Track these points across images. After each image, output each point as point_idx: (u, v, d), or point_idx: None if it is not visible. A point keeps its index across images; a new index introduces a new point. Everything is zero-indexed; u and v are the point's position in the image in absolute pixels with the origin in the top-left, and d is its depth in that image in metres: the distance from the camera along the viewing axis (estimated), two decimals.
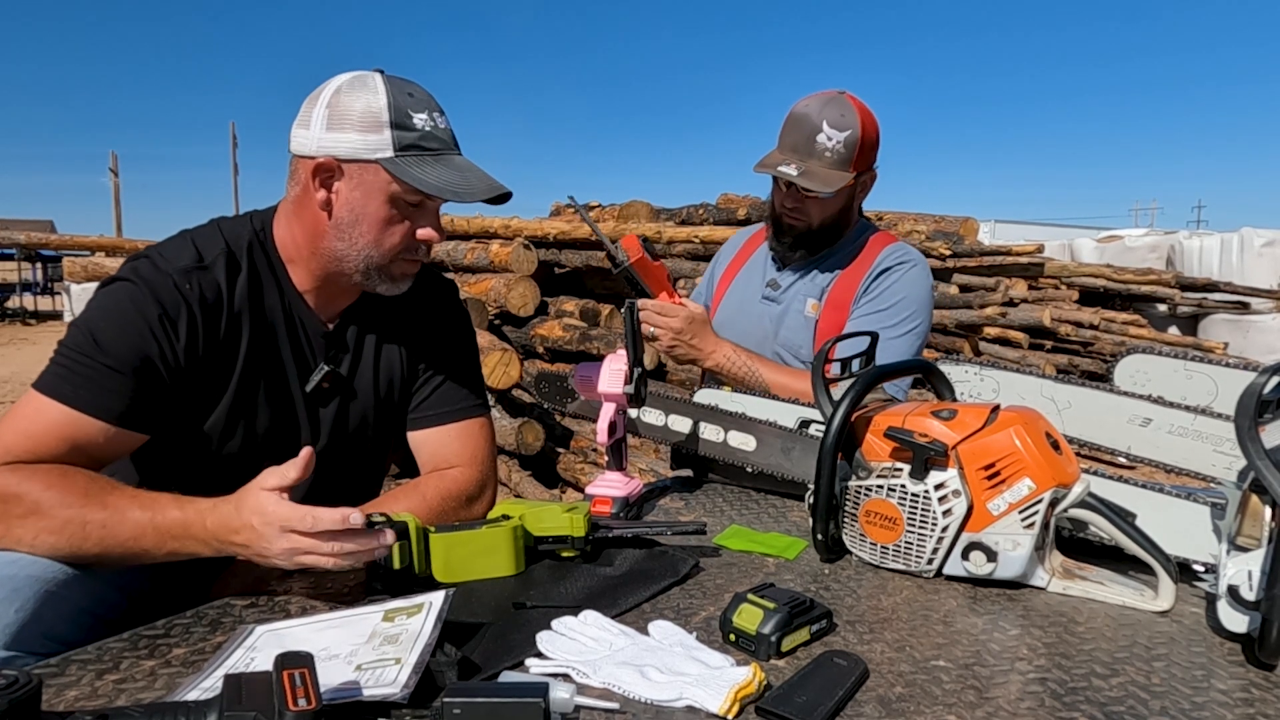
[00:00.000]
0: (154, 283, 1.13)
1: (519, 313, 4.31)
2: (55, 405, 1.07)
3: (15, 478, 1.02)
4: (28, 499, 1.01)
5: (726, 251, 2.14)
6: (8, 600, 0.95)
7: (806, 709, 0.77)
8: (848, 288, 1.84)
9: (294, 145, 1.18)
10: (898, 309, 1.79)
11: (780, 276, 1.92)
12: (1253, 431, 0.95)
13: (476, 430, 1.36)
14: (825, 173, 1.74)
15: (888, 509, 1.11)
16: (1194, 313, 8.84)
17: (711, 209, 5.84)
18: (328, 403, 1.29)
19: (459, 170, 1.17)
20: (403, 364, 1.34)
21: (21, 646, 0.95)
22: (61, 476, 1.03)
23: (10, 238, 7.27)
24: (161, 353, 1.12)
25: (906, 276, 1.82)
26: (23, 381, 7.76)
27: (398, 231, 1.18)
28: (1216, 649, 0.94)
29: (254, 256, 1.22)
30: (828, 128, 1.73)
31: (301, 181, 1.18)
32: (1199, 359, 1.23)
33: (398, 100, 1.14)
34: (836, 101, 1.76)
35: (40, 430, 1.06)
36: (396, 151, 1.13)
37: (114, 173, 15.03)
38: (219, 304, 1.17)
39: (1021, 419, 1.08)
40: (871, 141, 1.78)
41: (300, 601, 1.04)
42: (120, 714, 0.69)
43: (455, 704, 0.73)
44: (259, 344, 1.21)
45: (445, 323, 1.39)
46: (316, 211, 1.18)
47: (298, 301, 1.25)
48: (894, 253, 1.86)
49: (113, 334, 1.10)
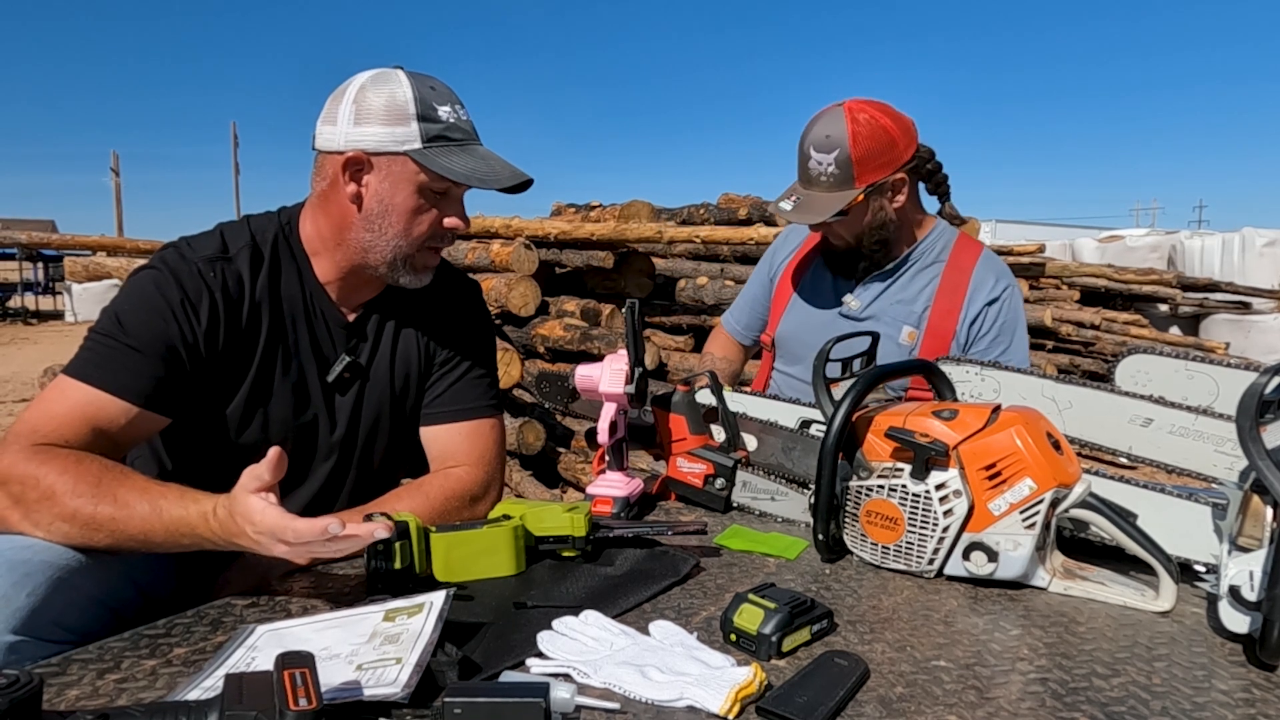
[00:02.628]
0: (178, 269, 1.17)
1: (520, 312, 4.31)
2: (79, 385, 1.10)
3: (34, 461, 1.03)
4: (43, 483, 1.02)
5: (781, 247, 2.03)
6: (19, 585, 0.95)
7: (807, 709, 0.77)
8: (948, 313, 1.77)
9: (320, 142, 1.21)
10: (1016, 346, 1.79)
11: (857, 294, 1.83)
12: (1254, 432, 0.95)
13: (487, 430, 1.38)
14: (823, 198, 1.69)
15: (889, 509, 1.11)
16: (1195, 313, 8.83)
17: (713, 209, 5.83)
18: (346, 392, 1.31)
19: (483, 159, 1.21)
20: (420, 358, 1.36)
21: (32, 633, 0.95)
22: (76, 464, 1.04)
23: (11, 237, 7.28)
24: (183, 335, 1.15)
25: (1012, 304, 1.79)
26: (24, 381, 7.76)
27: (425, 220, 1.22)
28: (1217, 649, 0.94)
29: (278, 249, 1.26)
30: (815, 153, 1.69)
31: (329, 176, 1.21)
32: (1200, 359, 1.22)
33: (422, 93, 1.18)
34: (826, 119, 1.69)
35: (64, 410, 1.08)
36: (424, 143, 1.17)
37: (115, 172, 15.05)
38: (241, 293, 1.20)
39: (1022, 419, 1.08)
40: (872, 150, 1.67)
41: (301, 601, 1.04)
42: (121, 713, 0.69)
43: (456, 703, 0.73)
44: (279, 334, 1.24)
45: (465, 321, 1.41)
46: (345, 204, 1.21)
47: (319, 293, 1.28)
48: (989, 276, 1.79)
49: (136, 317, 1.13)
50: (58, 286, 18.15)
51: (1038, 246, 6.82)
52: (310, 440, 1.29)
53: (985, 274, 1.79)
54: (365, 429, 1.33)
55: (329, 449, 1.31)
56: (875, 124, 1.68)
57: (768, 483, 1.35)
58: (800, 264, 1.96)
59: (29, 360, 9.16)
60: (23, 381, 7.78)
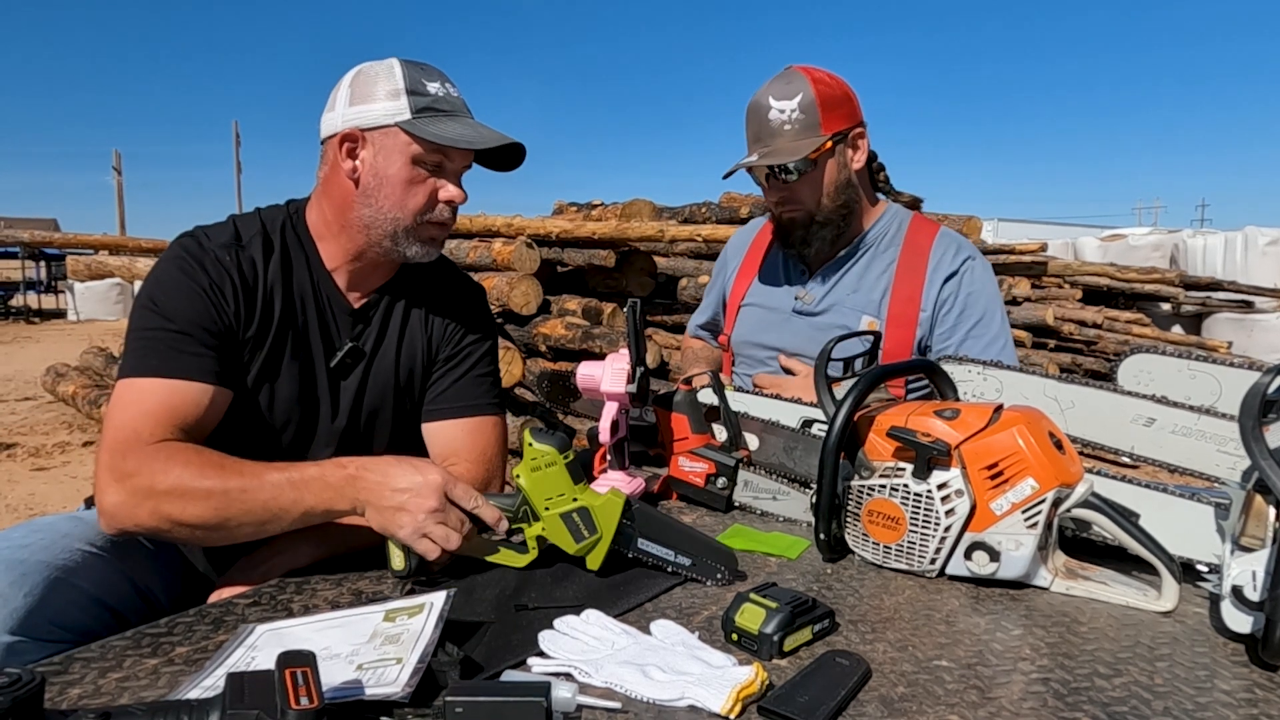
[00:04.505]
0: (199, 255, 1.21)
1: (521, 311, 4.31)
2: (155, 382, 1.12)
3: (159, 460, 1.06)
4: (172, 476, 1.04)
5: (732, 255, 2.00)
6: (16, 585, 0.96)
7: (809, 709, 0.77)
8: (909, 299, 1.69)
9: (322, 129, 1.26)
10: (989, 316, 1.68)
11: (810, 287, 1.78)
12: (1257, 431, 0.95)
13: (488, 428, 1.38)
14: (791, 145, 1.63)
15: (890, 509, 1.11)
16: (1198, 312, 8.83)
17: (714, 207, 5.83)
18: (348, 378, 1.32)
19: (472, 127, 1.24)
20: (424, 351, 1.38)
21: (30, 633, 0.95)
22: (196, 454, 1.08)
23: (14, 236, 7.30)
24: (219, 314, 1.18)
25: (975, 275, 1.69)
26: (27, 380, 7.77)
27: (420, 192, 1.24)
28: (1220, 649, 0.94)
29: (286, 237, 1.29)
30: (776, 102, 1.63)
31: (330, 159, 1.25)
32: (1203, 358, 1.22)
33: (412, 73, 1.22)
34: (780, 76, 1.67)
35: (154, 408, 1.10)
36: (413, 114, 1.20)
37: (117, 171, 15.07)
38: (256, 278, 1.23)
39: (1025, 418, 1.08)
40: (834, 97, 1.64)
41: (302, 600, 1.04)
42: (123, 712, 0.69)
43: (457, 703, 0.73)
44: (289, 318, 1.26)
45: (470, 321, 1.42)
46: (344, 182, 1.24)
47: (326, 280, 1.30)
48: (947, 251, 1.71)
49: (176, 304, 1.16)
50: (60, 285, 18.18)
51: (1040, 245, 6.81)
52: (311, 425, 1.30)
53: (943, 250, 1.72)
54: (366, 418, 1.34)
55: (330, 435, 1.31)
56: (831, 78, 1.67)
57: (769, 482, 1.35)
58: (749, 265, 1.92)
59: (31, 359, 9.17)
60: (25, 380, 7.79)
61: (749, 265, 1.93)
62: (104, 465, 1.07)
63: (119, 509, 1.05)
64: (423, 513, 1.02)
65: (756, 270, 1.91)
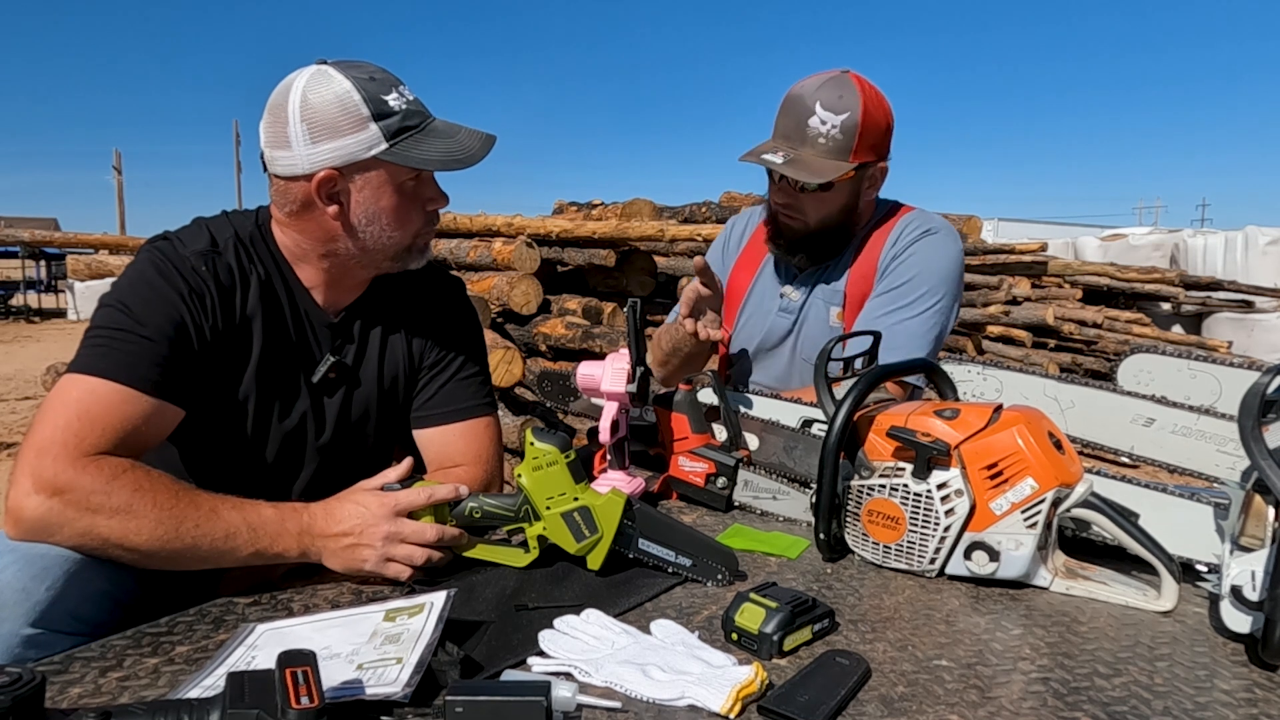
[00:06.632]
0: (177, 261, 1.16)
1: (521, 311, 4.31)
2: (111, 385, 1.06)
3: (102, 478, 1.00)
4: (118, 498, 0.99)
5: (735, 237, 1.93)
6: (39, 578, 0.96)
7: (808, 708, 0.77)
8: (863, 278, 1.65)
9: (278, 168, 1.17)
10: (912, 285, 1.60)
11: (793, 288, 1.75)
12: (1256, 431, 0.95)
13: (483, 429, 1.37)
14: (818, 162, 1.56)
15: (890, 508, 1.11)
16: (1198, 311, 8.82)
17: (714, 207, 5.83)
18: (333, 393, 1.30)
19: (448, 136, 1.20)
20: (407, 359, 1.35)
21: (50, 625, 0.96)
22: (148, 477, 1.03)
23: (14, 235, 7.30)
24: (194, 322, 1.14)
25: (923, 246, 1.62)
26: (27, 379, 7.77)
27: (414, 212, 1.23)
28: (1219, 649, 0.94)
29: (258, 250, 1.24)
30: (821, 110, 1.54)
31: (298, 199, 1.18)
32: (1203, 358, 1.22)
33: (366, 89, 1.14)
34: (836, 81, 1.56)
35: (102, 412, 1.04)
36: (389, 140, 1.15)
37: (118, 170, 15.06)
38: (233, 287, 1.19)
39: (1024, 418, 1.08)
40: (877, 128, 1.58)
41: (302, 600, 1.04)
42: (123, 711, 0.70)
43: (458, 702, 0.73)
44: (267, 332, 1.23)
45: (451, 320, 1.40)
46: (328, 223, 1.19)
47: (303, 295, 1.27)
48: (910, 223, 1.65)
49: (148, 307, 1.11)
50: (60, 285, 18.16)
51: (1040, 245, 6.81)
52: (298, 443, 1.28)
53: (906, 224, 1.64)
54: (352, 430, 1.32)
55: (314, 452, 1.30)
56: (881, 103, 1.59)
57: (769, 482, 1.35)
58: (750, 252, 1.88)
59: (32, 358, 9.17)
60: (25, 380, 7.79)
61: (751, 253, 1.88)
62: (29, 466, 0.99)
63: (45, 519, 0.98)
64: (378, 541, 1.04)
65: (760, 262, 1.87)
